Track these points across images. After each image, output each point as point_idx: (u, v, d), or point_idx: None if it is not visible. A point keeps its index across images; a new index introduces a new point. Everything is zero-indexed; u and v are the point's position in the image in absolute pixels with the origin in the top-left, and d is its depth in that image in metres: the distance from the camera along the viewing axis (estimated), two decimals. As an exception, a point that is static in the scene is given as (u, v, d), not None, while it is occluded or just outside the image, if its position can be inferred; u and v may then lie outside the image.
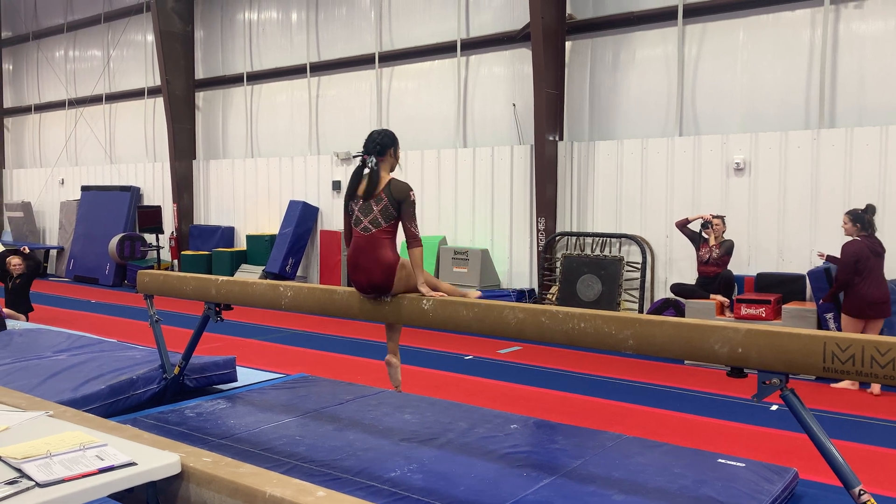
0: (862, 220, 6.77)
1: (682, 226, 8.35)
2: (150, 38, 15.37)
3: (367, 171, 4.10)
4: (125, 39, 16.27)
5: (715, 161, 8.92)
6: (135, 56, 16.14)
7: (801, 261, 8.36)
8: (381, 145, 4.11)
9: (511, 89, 10.73)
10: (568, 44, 10.12)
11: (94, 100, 16.99)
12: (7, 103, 19.55)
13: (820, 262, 7.74)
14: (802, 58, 8.53)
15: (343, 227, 4.27)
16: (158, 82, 14.90)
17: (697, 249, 8.24)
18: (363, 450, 4.42)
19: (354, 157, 4.15)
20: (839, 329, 7.12)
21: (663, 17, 9.39)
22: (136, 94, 16.14)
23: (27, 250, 9.95)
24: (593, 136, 10.03)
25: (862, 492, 2.96)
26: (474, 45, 11.04)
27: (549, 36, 9.73)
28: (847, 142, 8.08)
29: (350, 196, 4.15)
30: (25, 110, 19.13)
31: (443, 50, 11.38)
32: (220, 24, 14.55)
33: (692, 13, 9.20)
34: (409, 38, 11.78)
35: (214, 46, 14.69)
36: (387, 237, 4.08)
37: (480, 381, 7.06)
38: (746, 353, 3.09)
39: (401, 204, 4.03)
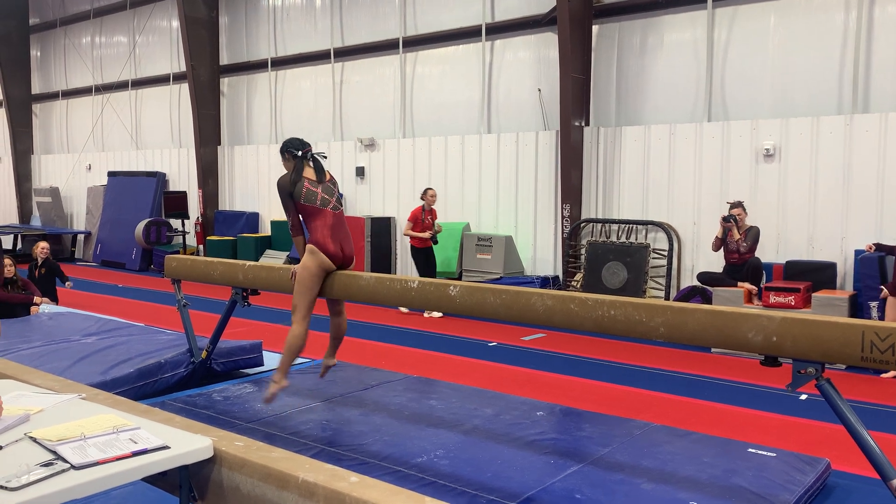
0: None
1: (718, 246, 8.09)
2: (175, 24, 15.43)
3: (321, 160, 4.93)
4: (150, 25, 16.34)
5: (744, 147, 8.79)
6: (160, 42, 16.22)
7: (831, 249, 8.22)
8: None
9: (536, 74, 10.63)
10: (595, 28, 9.99)
11: (121, 86, 17.11)
12: (35, 89, 19.75)
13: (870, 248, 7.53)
14: (835, 41, 8.35)
15: (291, 215, 4.66)
16: (184, 68, 14.96)
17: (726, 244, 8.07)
18: (389, 435, 4.43)
19: (308, 153, 4.99)
20: (882, 318, 7.01)
21: (692, 0, 9.23)
22: (161, 81, 16.23)
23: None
24: (620, 121, 9.92)
25: (899, 484, 2.90)
26: (499, 29, 10.95)
27: (576, 20, 9.61)
28: (881, 127, 7.91)
29: (311, 182, 4.63)
30: (53, 96, 19.32)
31: (467, 35, 11.29)
32: (244, 10, 14.56)
33: (722, -4, 9.04)
34: (434, 22, 11.70)
35: (239, 32, 14.71)
36: None
37: (505, 368, 7.04)
38: (781, 342, 3.03)
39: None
